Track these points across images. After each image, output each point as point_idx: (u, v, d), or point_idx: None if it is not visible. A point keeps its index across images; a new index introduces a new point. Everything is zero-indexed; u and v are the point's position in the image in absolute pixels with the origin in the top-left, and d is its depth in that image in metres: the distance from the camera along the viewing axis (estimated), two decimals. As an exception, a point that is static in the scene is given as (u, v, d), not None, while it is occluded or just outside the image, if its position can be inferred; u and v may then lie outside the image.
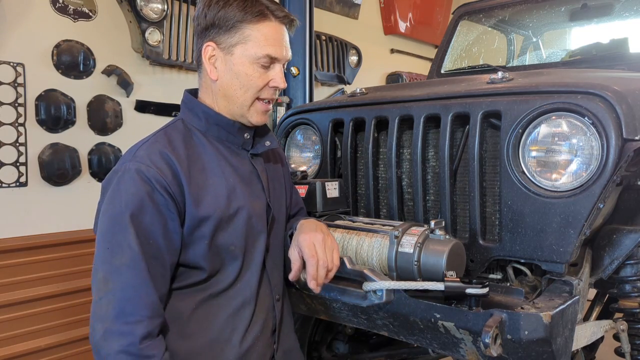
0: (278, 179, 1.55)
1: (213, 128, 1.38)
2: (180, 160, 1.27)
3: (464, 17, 3.26)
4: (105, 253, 1.19)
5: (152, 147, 1.27)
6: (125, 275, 1.17)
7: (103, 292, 1.17)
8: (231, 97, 1.36)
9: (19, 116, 2.86)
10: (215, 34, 1.33)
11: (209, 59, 1.34)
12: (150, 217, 1.20)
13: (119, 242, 1.18)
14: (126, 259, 1.17)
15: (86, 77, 3.14)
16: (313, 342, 2.33)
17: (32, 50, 2.92)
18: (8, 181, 2.82)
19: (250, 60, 1.32)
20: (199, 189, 1.28)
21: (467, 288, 1.31)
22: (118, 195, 1.20)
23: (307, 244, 1.34)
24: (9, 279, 2.77)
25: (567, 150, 1.46)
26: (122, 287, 1.16)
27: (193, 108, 1.40)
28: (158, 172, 1.22)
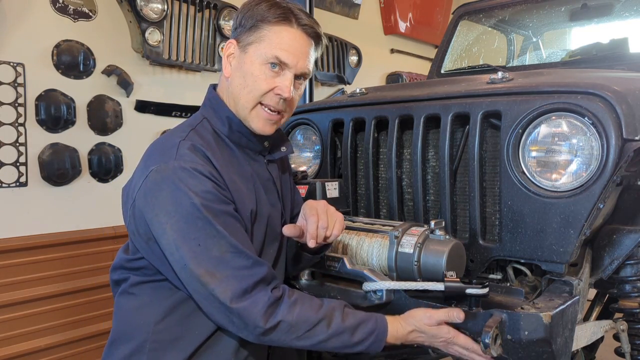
0: (286, 183, 1.55)
1: (235, 134, 1.37)
2: (218, 161, 1.27)
3: (464, 17, 3.26)
4: (197, 250, 1.17)
5: (192, 146, 1.25)
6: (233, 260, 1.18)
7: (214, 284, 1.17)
8: (237, 96, 1.34)
9: (19, 116, 2.86)
10: (239, 33, 1.33)
11: (228, 56, 1.34)
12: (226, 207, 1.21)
13: (210, 235, 1.17)
14: (225, 246, 1.18)
15: (86, 77, 3.13)
16: (313, 342, 2.33)
17: (32, 50, 2.92)
18: (8, 181, 2.82)
19: (260, 60, 1.30)
20: (235, 192, 1.28)
21: (467, 288, 1.31)
22: (184, 193, 1.18)
23: (310, 207, 1.36)
24: (9, 279, 2.77)
25: (567, 151, 1.46)
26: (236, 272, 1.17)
27: (218, 110, 1.37)
28: (212, 170, 1.23)
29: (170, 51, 3.40)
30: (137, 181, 1.25)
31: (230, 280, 1.17)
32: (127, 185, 1.32)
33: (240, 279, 1.17)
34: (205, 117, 1.37)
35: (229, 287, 1.16)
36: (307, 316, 1.21)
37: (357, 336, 1.24)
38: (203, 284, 1.17)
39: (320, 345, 1.22)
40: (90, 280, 3.02)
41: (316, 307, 1.23)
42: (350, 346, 1.24)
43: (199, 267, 1.17)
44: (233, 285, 1.16)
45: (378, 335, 1.26)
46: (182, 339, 1.29)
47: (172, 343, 1.28)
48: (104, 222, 3.13)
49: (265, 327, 1.17)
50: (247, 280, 1.18)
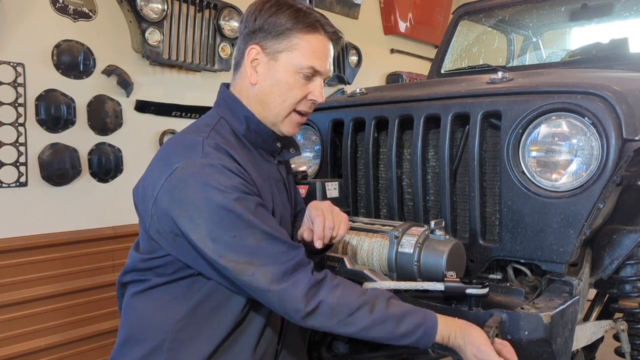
0: (291, 184, 1.57)
1: (252, 134, 1.38)
2: (241, 158, 1.28)
3: (464, 17, 3.26)
4: (233, 241, 1.18)
5: (218, 146, 1.26)
6: (269, 247, 1.19)
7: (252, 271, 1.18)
8: (268, 104, 1.35)
9: (19, 116, 2.86)
10: (262, 38, 1.32)
11: (252, 62, 1.33)
12: (253, 202, 1.22)
13: (242, 226, 1.18)
14: (260, 235, 1.19)
15: (86, 77, 3.13)
16: (313, 342, 2.33)
17: (32, 50, 2.92)
18: (8, 181, 2.82)
19: (294, 69, 1.32)
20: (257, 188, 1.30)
21: (467, 288, 1.32)
22: (214, 188, 1.18)
23: (315, 208, 1.37)
24: (9, 279, 2.77)
25: (567, 151, 1.46)
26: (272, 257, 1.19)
27: (235, 109, 1.38)
28: (237, 167, 1.24)
29: (170, 51, 3.40)
30: (158, 179, 1.24)
31: (269, 266, 1.18)
32: (141, 184, 1.31)
33: (280, 263, 1.19)
34: (221, 116, 1.37)
35: (268, 272, 1.18)
36: (349, 299, 1.21)
37: (403, 327, 1.22)
38: (241, 272, 1.18)
39: (364, 333, 1.21)
40: (90, 280, 3.02)
41: (359, 292, 1.24)
42: (396, 337, 1.23)
43: (237, 257, 1.18)
44: (272, 269, 1.18)
45: (427, 330, 1.24)
46: (202, 338, 1.29)
47: (192, 342, 1.28)
48: (104, 222, 3.13)
49: (307, 309, 1.18)
50: (286, 263, 1.20)
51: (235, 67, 1.41)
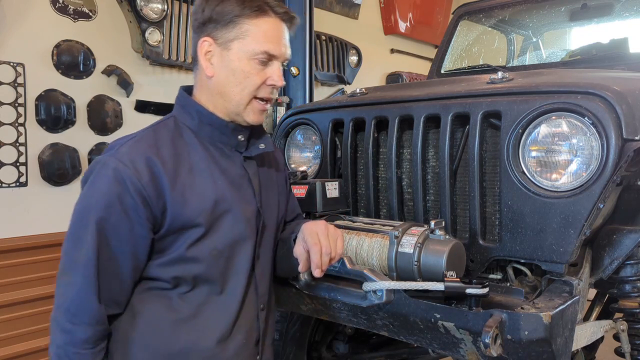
0: (272, 184, 1.50)
1: (205, 128, 1.34)
2: (164, 161, 1.23)
3: (464, 17, 3.26)
4: (69, 243, 1.20)
5: (136, 146, 1.24)
6: (78, 274, 1.18)
7: (61, 282, 1.20)
8: (227, 94, 1.31)
9: (19, 116, 2.86)
10: (212, 29, 1.29)
11: (205, 54, 1.30)
12: (116, 219, 1.18)
13: (80, 237, 1.18)
14: (82, 256, 1.17)
15: (86, 77, 3.14)
16: (313, 342, 2.33)
17: (32, 50, 2.92)
18: (8, 181, 2.82)
19: (248, 56, 1.28)
20: (184, 190, 1.24)
21: (467, 288, 1.31)
22: (91, 190, 1.20)
23: (310, 233, 1.33)
24: (9, 279, 2.77)
25: (567, 150, 1.46)
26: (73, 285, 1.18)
27: (186, 106, 1.36)
28: (134, 173, 1.19)
29: (170, 51, 3.40)
30: None
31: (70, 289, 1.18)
32: None
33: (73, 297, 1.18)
34: (173, 115, 1.36)
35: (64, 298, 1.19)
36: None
37: None
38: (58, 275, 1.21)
39: None
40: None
41: None
42: None
43: (62, 258, 1.20)
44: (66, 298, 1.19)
45: None
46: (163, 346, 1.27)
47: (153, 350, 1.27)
48: (104, 222, 3.13)
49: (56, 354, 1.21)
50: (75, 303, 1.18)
51: (193, 63, 1.37)
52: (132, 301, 1.27)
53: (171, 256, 1.25)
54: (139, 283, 1.27)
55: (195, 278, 1.28)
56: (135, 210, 1.19)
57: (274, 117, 3.86)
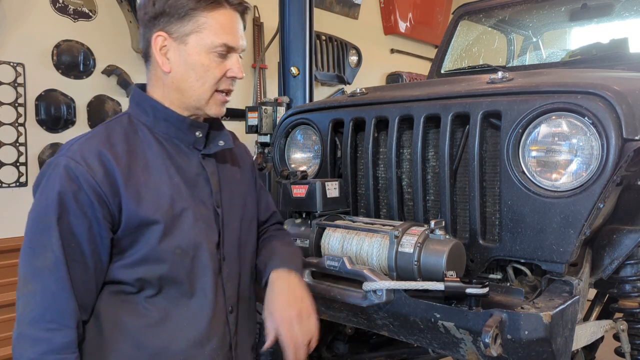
0: (235, 182, 1.44)
1: (161, 124, 1.30)
2: (118, 157, 1.19)
3: (464, 17, 3.26)
4: (27, 252, 1.14)
5: (88, 143, 1.20)
6: (47, 279, 1.12)
7: (22, 293, 1.14)
8: (187, 90, 1.28)
9: (19, 116, 2.86)
10: (165, 23, 1.24)
11: (160, 49, 1.26)
12: (75, 219, 1.14)
13: (42, 243, 1.13)
14: (48, 262, 1.12)
15: (86, 77, 3.14)
16: (313, 342, 2.33)
17: (32, 50, 2.92)
18: (8, 181, 2.82)
19: (207, 49, 1.25)
20: (139, 187, 1.20)
21: (467, 288, 1.31)
22: (45, 191, 1.15)
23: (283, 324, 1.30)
24: (9, 279, 2.77)
25: (567, 150, 1.46)
26: (42, 291, 1.12)
27: (141, 102, 1.31)
28: (87, 170, 1.15)
29: (170, 51, 3.39)
30: None
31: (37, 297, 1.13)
32: None
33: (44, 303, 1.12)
34: (128, 113, 1.33)
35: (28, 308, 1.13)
36: None
37: None
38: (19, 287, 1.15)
39: None
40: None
41: None
42: None
43: (21, 269, 1.15)
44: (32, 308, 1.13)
45: None
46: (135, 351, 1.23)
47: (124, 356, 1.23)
48: (104, 222, 3.13)
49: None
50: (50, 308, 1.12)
51: (145, 59, 1.33)
52: (98, 309, 1.21)
53: (134, 257, 1.21)
54: (103, 288, 1.22)
55: (161, 279, 1.22)
56: (92, 208, 1.15)
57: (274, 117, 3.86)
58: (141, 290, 1.23)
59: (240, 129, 3.94)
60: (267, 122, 3.71)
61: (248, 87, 4.44)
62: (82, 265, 1.16)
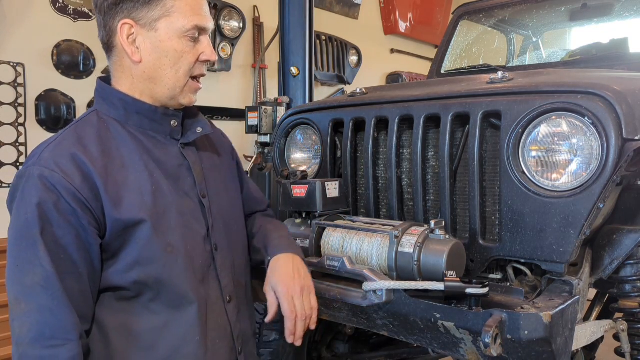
0: (217, 169, 1.40)
1: (133, 117, 1.23)
2: (93, 159, 1.13)
3: (464, 17, 3.26)
4: (14, 271, 1.08)
5: (59, 148, 1.13)
6: (40, 296, 1.06)
7: (16, 314, 1.08)
8: (160, 78, 1.22)
9: (19, 116, 2.86)
10: (130, 9, 1.17)
11: (127, 38, 1.18)
12: (59, 229, 1.08)
13: (29, 259, 1.07)
14: (39, 278, 1.06)
15: (86, 77, 3.14)
16: (313, 342, 2.33)
17: (32, 50, 2.93)
18: (8, 181, 2.82)
19: (178, 34, 1.19)
20: (118, 188, 1.15)
21: (467, 288, 1.31)
22: (23, 205, 1.08)
23: (284, 294, 1.29)
24: (9, 279, 2.77)
25: (567, 150, 1.46)
26: (38, 309, 1.06)
27: (108, 97, 1.24)
28: (64, 176, 1.09)
29: (170, 51, 3.39)
30: None
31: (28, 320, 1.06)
32: None
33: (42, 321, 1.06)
34: (95, 110, 1.25)
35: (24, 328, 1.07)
36: None
37: None
38: (11, 308, 1.09)
39: None
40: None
41: None
42: None
43: (12, 289, 1.09)
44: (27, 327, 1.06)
45: None
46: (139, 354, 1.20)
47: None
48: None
49: None
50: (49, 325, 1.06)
51: (106, 50, 1.25)
52: (101, 318, 1.18)
53: (127, 260, 1.16)
54: (101, 296, 1.18)
55: (157, 280, 1.18)
56: (75, 216, 1.09)
57: (274, 117, 3.86)
58: (140, 294, 1.19)
59: (240, 129, 3.94)
60: (267, 122, 3.72)
61: (248, 87, 4.44)
62: (75, 276, 1.11)
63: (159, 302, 1.20)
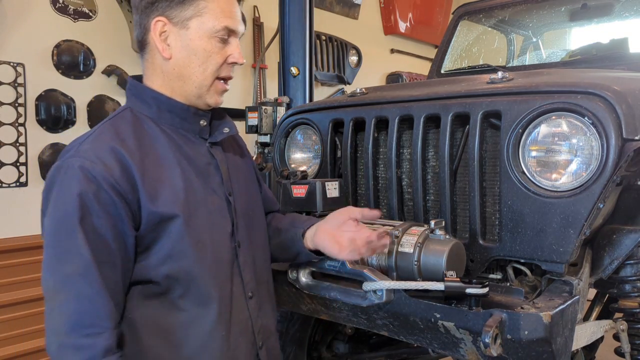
0: (241, 169, 1.45)
1: (166, 115, 1.27)
2: (131, 153, 1.17)
3: (464, 17, 3.26)
4: (52, 261, 1.10)
5: (98, 141, 1.17)
6: (79, 284, 1.08)
7: (55, 303, 1.09)
8: (189, 76, 1.26)
9: (19, 116, 2.86)
10: (165, 8, 1.22)
11: (160, 35, 1.23)
12: (98, 219, 1.11)
13: (68, 249, 1.09)
14: (77, 266, 1.08)
15: (86, 77, 3.14)
16: (313, 342, 2.33)
17: (32, 50, 2.92)
18: (8, 181, 2.82)
19: (209, 34, 1.23)
20: (154, 182, 1.18)
21: (467, 288, 1.31)
22: (62, 195, 1.10)
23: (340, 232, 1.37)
24: (9, 279, 2.77)
25: (567, 150, 1.46)
26: (76, 298, 1.08)
27: (141, 94, 1.28)
28: (104, 168, 1.12)
29: (170, 51, 3.39)
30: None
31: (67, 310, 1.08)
32: None
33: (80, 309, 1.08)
34: (128, 107, 1.29)
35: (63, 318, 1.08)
36: None
37: None
38: (48, 300, 1.10)
39: None
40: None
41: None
42: None
43: (49, 280, 1.10)
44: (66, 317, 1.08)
45: None
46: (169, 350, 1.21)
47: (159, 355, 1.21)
48: (104, 222, 3.13)
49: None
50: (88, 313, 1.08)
51: (140, 48, 1.30)
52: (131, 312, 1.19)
53: (159, 254, 1.19)
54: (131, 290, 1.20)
55: (188, 275, 1.21)
56: (114, 206, 1.12)
57: (274, 117, 3.86)
58: (170, 290, 1.21)
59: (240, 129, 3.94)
60: (267, 122, 3.71)
61: (248, 87, 4.44)
62: (112, 266, 1.13)
63: (188, 298, 1.22)
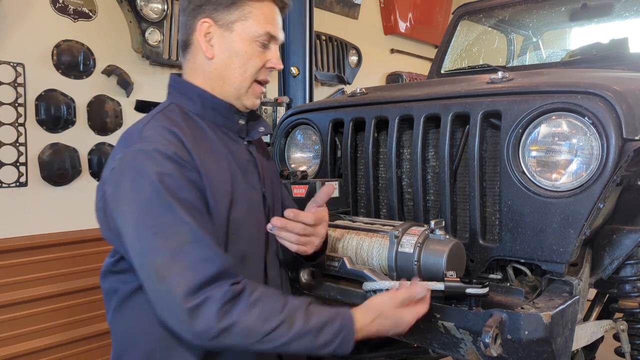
0: (270, 169, 1.50)
1: (209, 112, 1.32)
2: (189, 139, 1.21)
3: (464, 17, 3.26)
4: (154, 239, 1.10)
5: (158, 128, 1.20)
6: (193, 251, 1.10)
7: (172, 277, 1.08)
8: (229, 77, 1.31)
9: (19, 116, 2.86)
10: (212, 11, 1.28)
11: (205, 35, 1.29)
12: (189, 193, 1.14)
13: (169, 223, 1.10)
14: (186, 236, 1.10)
15: (86, 77, 3.14)
16: (313, 342, 2.33)
17: (32, 50, 2.92)
18: (8, 181, 2.82)
19: (251, 38, 1.29)
20: (208, 170, 1.22)
21: (467, 288, 1.31)
22: (142, 179, 1.11)
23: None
24: (9, 279, 2.77)
25: (567, 150, 1.46)
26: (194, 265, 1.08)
27: (186, 91, 1.33)
28: (178, 149, 1.16)
29: (170, 51, 3.40)
30: (105, 173, 1.20)
31: (188, 273, 1.08)
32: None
33: (198, 271, 1.09)
34: (173, 102, 1.33)
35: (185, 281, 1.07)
36: (268, 317, 1.11)
37: (322, 338, 1.15)
38: (160, 278, 1.09)
39: (282, 348, 1.13)
40: (90, 280, 3.02)
41: (278, 308, 1.14)
42: (316, 348, 1.15)
43: (157, 258, 1.09)
44: (189, 278, 1.08)
45: (345, 337, 1.17)
46: None
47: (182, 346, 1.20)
48: (104, 222, 3.13)
49: (218, 328, 1.07)
50: (205, 271, 1.09)
51: (183, 48, 1.35)
52: None
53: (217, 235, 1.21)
54: None
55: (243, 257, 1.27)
56: (197, 182, 1.17)
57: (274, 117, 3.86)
58: None
59: (240, 129, 3.93)
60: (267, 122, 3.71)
61: (248, 87, 4.44)
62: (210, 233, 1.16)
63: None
